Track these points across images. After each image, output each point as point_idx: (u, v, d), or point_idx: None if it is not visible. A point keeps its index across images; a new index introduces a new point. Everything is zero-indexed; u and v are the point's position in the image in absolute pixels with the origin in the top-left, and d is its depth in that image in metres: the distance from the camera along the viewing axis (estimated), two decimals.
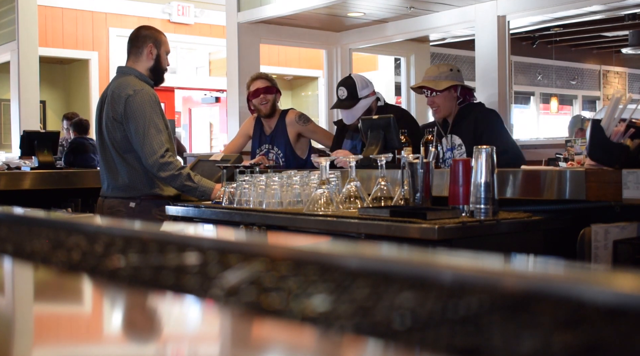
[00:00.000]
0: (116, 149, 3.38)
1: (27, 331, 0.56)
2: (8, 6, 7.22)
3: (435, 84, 3.63)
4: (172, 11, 9.85)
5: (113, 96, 3.36)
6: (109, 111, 3.37)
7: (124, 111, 3.29)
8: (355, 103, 3.82)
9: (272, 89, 4.20)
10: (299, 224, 2.62)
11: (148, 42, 3.46)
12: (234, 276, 0.61)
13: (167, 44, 3.55)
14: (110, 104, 3.36)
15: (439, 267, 0.54)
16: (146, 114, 3.27)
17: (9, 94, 7.53)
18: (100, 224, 0.95)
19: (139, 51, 3.47)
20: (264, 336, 0.51)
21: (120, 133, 3.34)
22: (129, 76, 3.43)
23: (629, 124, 2.39)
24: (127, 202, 3.37)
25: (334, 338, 0.48)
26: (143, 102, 3.29)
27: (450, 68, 3.68)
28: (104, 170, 3.47)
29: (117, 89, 3.36)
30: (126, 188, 3.37)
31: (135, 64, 3.47)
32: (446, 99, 3.62)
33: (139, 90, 3.31)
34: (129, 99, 3.29)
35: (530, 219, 2.38)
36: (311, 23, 5.71)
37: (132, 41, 3.51)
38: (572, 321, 0.43)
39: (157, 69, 3.50)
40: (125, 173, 3.36)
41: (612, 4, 4.71)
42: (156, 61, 3.48)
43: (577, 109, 14.90)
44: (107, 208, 3.44)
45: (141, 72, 3.45)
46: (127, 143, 3.34)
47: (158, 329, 0.56)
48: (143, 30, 3.55)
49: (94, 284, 0.72)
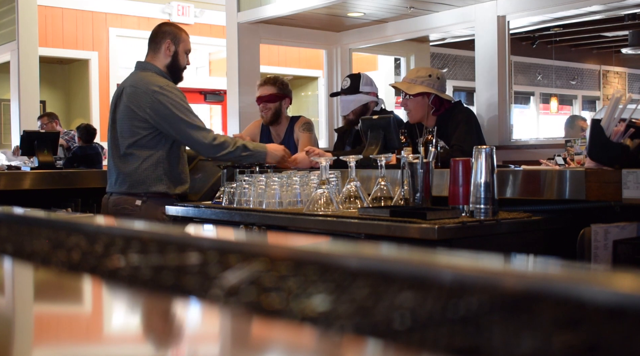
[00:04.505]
0: (126, 143, 3.36)
1: (27, 331, 0.56)
2: (8, 6, 7.22)
3: (408, 87, 3.63)
4: (172, 11, 9.85)
5: (136, 92, 3.32)
6: (128, 105, 3.34)
7: (155, 106, 3.27)
8: (354, 94, 3.88)
9: (275, 97, 4.14)
10: (299, 224, 2.62)
11: (166, 38, 3.44)
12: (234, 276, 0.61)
13: (187, 42, 3.51)
14: (132, 97, 3.33)
15: (439, 267, 0.54)
16: (183, 106, 3.30)
17: (9, 94, 7.54)
18: (100, 224, 0.95)
19: (157, 47, 3.45)
20: (264, 336, 0.51)
21: (133, 127, 3.33)
22: (148, 72, 3.41)
23: (628, 124, 2.39)
24: (133, 199, 3.35)
25: (334, 338, 0.48)
26: (174, 95, 3.30)
27: (429, 73, 3.65)
28: (112, 164, 3.46)
29: (139, 84, 3.34)
30: (133, 183, 3.35)
31: (153, 59, 3.46)
32: (418, 104, 3.62)
33: (164, 85, 3.32)
34: (156, 94, 3.28)
35: (530, 219, 2.38)
36: (311, 23, 5.71)
37: (151, 36, 3.50)
38: (572, 321, 0.43)
39: (175, 67, 3.47)
40: (132, 168, 3.35)
41: (612, 4, 4.70)
42: (173, 58, 3.45)
43: (577, 109, 14.90)
44: (113, 205, 3.41)
45: (160, 68, 3.43)
46: (138, 137, 3.33)
47: (158, 329, 0.56)
48: (164, 26, 3.53)
49: (94, 285, 0.72)
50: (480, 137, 3.61)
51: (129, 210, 3.36)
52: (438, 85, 3.62)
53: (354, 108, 3.95)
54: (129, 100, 3.34)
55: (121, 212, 3.37)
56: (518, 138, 5.58)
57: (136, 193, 3.36)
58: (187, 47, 3.51)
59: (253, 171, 3.12)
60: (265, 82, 4.21)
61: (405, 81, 3.71)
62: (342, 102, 4.03)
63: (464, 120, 3.50)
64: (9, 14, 7.20)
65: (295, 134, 4.17)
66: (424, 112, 3.60)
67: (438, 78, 3.64)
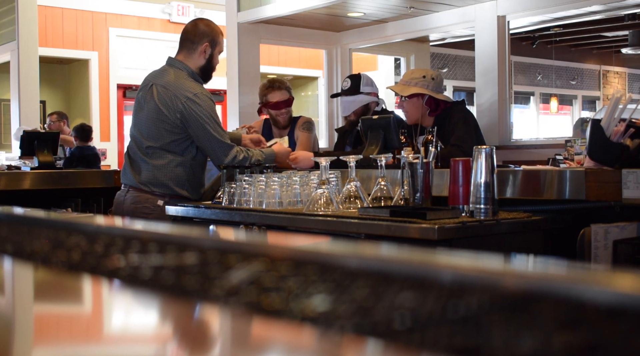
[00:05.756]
0: (152, 143, 3.29)
1: (27, 331, 0.56)
2: (8, 6, 7.22)
3: (401, 89, 3.65)
4: (172, 11, 9.85)
5: (168, 94, 3.25)
6: (158, 105, 3.26)
7: (186, 113, 3.22)
8: (354, 94, 3.89)
9: (291, 101, 4.17)
10: (298, 224, 2.62)
11: (204, 40, 3.35)
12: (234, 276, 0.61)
13: (222, 44, 3.44)
14: (163, 98, 3.26)
15: (439, 267, 0.54)
16: (213, 118, 3.25)
17: (9, 94, 7.54)
18: (100, 224, 0.95)
19: (193, 47, 3.35)
20: (264, 337, 0.51)
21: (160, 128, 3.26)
22: (180, 71, 3.33)
23: (628, 124, 2.40)
24: (155, 198, 3.28)
25: (334, 338, 0.48)
26: (207, 105, 3.25)
27: (424, 74, 3.65)
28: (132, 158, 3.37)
29: (173, 88, 3.26)
30: (158, 183, 3.28)
31: (186, 59, 3.36)
32: (413, 105, 3.63)
33: (199, 93, 3.25)
34: (189, 101, 3.22)
35: (530, 219, 2.38)
36: (311, 23, 5.71)
37: (187, 34, 3.39)
38: (572, 321, 0.43)
39: (208, 69, 3.41)
40: (159, 167, 3.28)
41: (612, 4, 4.71)
42: (208, 60, 3.38)
43: (577, 109, 14.90)
44: (131, 202, 3.31)
45: (192, 69, 3.34)
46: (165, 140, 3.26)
47: (158, 329, 0.56)
48: (202, 26, 3.40)
49: (94, 285, 0.72)
50: (479, 136, 3.61)
51: (149, 209, 3.28)
52: (433, 86, 3.62)
53: (355, 109, 3.96)
54: (160, 101, 3.26)
55: (141, 211, 3.29)
56: (518, 138, 5.58)
57: (159, 193, 3.28)
58: (222, 49, 3.44)
59: (253, 171, 3.12)
60: (279, 87, 4.16)
61: (400, 83, 3.72)
62: (343, 103, 4.04)
63: (462, 120, 3.50)
64: (9, 14, 7.20)
65: (295, 133, 4.19)
66: (420, 113, 3.61)
67: (433, 79, 3.64)
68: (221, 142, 3.27)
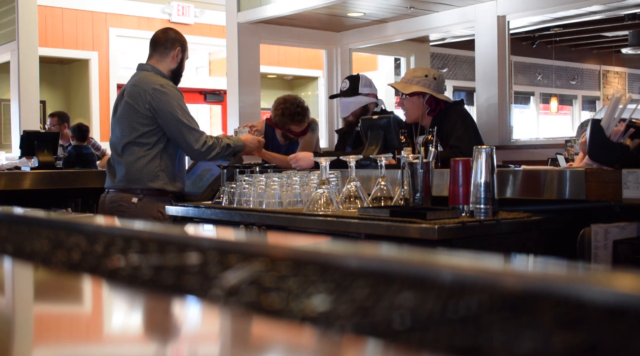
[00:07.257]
0: (126, 139, 3.44)
1: (27, 331, 0.56)
2: (8, 6, 7.22)
3: (403, 87, 3.65)
4: (172, 11, 9.85)
5: (137, 89, 3.44)
6: (128, 101, 3.45)
7: (154, 103, 3.39)
8: (353, 96, 3.89)
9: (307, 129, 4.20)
10: (298, 224, 2.62)
11: (177, 45, 3.62)
12: (234, 276, 0.61)
13: (188, 49, 3.72)
14: (132, 94, 3.44)
15: (439, 267, 0.54)
16: (179, 105, 3.42)
17: (9, 94, 7.53)
18: (100, 224, 0.95)
19: (165, 52, 3.60)
20: (264, 336, 0.51)
21: (133, 123, 3.42)
22: (149, 72, 3.55)
23: (628, 124, 2.40)
24: (129, 196, 3.40)
25: (334, 338, 0.48)
26: (174, 94, 3.44)
27: (426, 74, 3.66)
28: (111, 162, 3.54)
29: (141, 83, 3.47)
30: (130, 179, 3.41)
31: (158, 63, 3.60)
32: (413, 104, 3.64)
33: (165, 84, 3.46)
34: (156, 92, 3.40)
35: (530, 219, 2.38)
36: (311, 23, 5.71)
37: (159, 41, 3.64)
38: (572, 321, 0.43)
39: (178, 71, 3.67)
40: (130, 164, 3.41)
41: (612, 4, 4.70)
42: (179, 64, 3.64)
43: (577, 109, 14.89)
44: (109, 202, 3.47)
45: (162, 71, 3.57)
46: (137, 134, 3.41)
47: (158, 329, 0.56)
48: (172, 33, 3.69)
49: (94, 285, 0.71)
50: (478, 136, 3.61)
51: (124, 207, 3.40)
52: (434, 85, 3.63)
53: (354, 110, 3.95)
54: (129, 97, 3.45)
55: (117, 209, 3.41)
56: (518, 138, 5.57)
57: (132, 190, 3.41)
58: (188, 55, 3.72)
59: (253, 171, 3.12)
60: (300, 120, 4.12)
61: (402, 81, 3.73)
62: (342, 104, 4.03)
63: (460, 120, 3.50)
64: (9, 14, 7.20)
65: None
66: (420, 112, 3.62)
67: (435, 78, 3.65)
68: (190, 128, 3.42)
